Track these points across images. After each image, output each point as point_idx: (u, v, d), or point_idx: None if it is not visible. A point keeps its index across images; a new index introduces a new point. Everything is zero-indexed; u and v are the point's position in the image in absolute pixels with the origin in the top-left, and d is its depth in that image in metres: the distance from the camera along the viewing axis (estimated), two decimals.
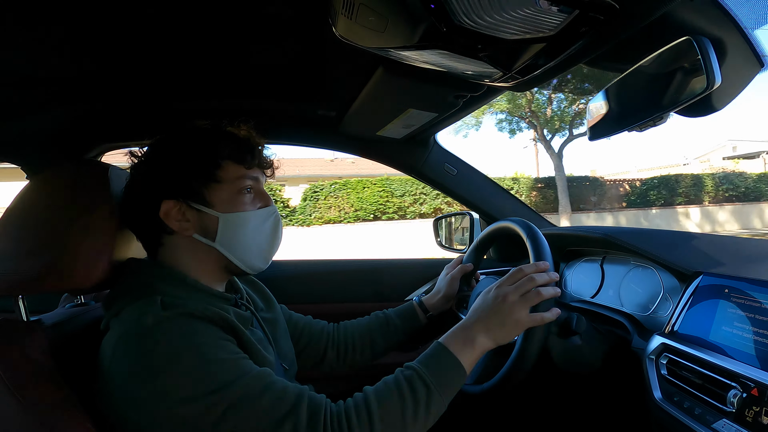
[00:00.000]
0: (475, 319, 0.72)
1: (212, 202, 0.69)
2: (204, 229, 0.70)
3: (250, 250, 0.73)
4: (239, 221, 0.71)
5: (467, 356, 0.69)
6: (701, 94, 0.49)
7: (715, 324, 0.75)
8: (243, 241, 0.71)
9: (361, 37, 0.60)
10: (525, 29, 0.50)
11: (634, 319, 0.96)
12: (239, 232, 0.71)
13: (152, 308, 0.60)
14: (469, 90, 0.81)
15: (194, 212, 0.69)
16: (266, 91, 1.02)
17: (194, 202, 0.69)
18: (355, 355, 0.99)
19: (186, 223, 0.69)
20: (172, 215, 0.68)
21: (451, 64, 0.65)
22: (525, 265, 0.75)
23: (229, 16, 0.72)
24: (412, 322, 1.02)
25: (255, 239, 0.73)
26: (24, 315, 0.70)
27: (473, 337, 0.70)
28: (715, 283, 0.78)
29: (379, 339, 1.00)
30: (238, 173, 0.71)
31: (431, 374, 0.65)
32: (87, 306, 0.85)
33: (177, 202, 0.68)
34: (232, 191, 0.71)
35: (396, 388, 0.64)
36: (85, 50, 0.80)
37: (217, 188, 0.70)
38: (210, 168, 0.70)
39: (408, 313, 1.03)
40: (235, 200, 0.71)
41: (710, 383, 0.69)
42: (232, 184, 0.71)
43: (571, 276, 1.24)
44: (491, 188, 1.42)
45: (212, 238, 0.70)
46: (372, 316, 1.03)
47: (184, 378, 0.55)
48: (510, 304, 0.70)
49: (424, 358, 0.68)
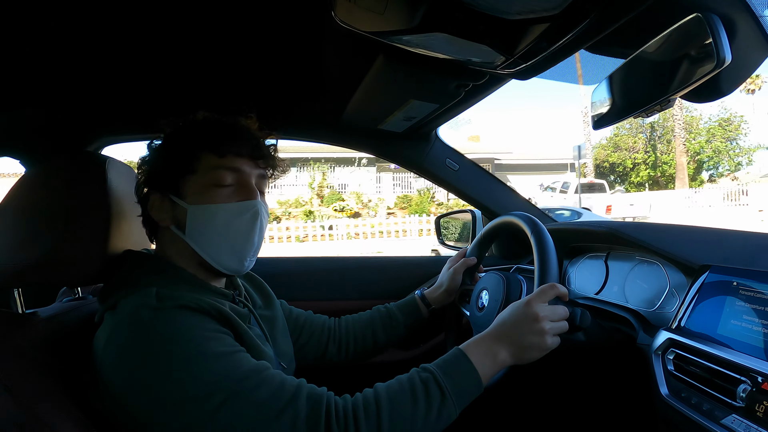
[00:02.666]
0: (501, 332, 0.69)
1: (184, 193, 0.67)
2: (178, 221, 0.68)
3: (219, 247, 0.68)
4: (207, 214, 0.67)
5: (487, 369, 0.66)
6: (710, 72, 0.47)
7: (723, 318, 0.73)
8: (210, 236, 0.67)
9: (360, 20, 0.59)
10: (528, 8, 0.49)
11: (639, 316, 0.94)
12: (207, 225, 0.67)
13: (147, 300, 0.59)
14: (471, 79, 0.80)
15: (169, 203, 0.68)
16: (265, 85, 1.02)
17: (171, 193, 0.68)
18: (357, 349, 0.98)
19: (163, 215, 0.69)
20: (155, 207, 0.69)
21: (453, 49, 0.64)
22: (558, 284, 0.73)
23: (228, 8, 0.71)
24: (414, 316, 1.01)
25: (226, 235, 0.68)
26: (20, 307, 0.69)
27: (496, 351, 0.67)
28: (723, 277, 0.76)
29: (380, 333, 0.99)
30: (213, 163, 0.68)
31: (448, 380, 0.63)
32: (84, 300, 0.84)
33: (161, 195, 0.69)
34: (205, 182, 0.67)
35: (410, 387, 0.62)
36: (86, 43, 0.80)
37: (191, 179, 0.67)
38: (187, 158, 0.67)
39: (410, 306, 1.02)
40: (207, 192, 0.67)
41: (719, 378, 0.67)
42: (206, 174, 0.67)
43: (574, 273, 1.23)
44: (494, 184, 1.40)
45: (183, 231, 0.68)
46: (374, 310, 1.02)
47: (179, 370, 0.54)
48: (541, 325, 0.68)
49: (443, 362, 0.66)
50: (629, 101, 0.63)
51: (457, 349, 0.68)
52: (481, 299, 0.98)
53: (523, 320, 0.68)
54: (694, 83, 0.50)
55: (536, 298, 0.70)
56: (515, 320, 0.69)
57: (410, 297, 1.04)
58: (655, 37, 0.55)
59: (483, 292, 0.98)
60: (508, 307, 0.73)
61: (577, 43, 0.58)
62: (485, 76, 0.79)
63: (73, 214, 0.66)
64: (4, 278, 0.65)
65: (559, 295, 0.72)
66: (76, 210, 0.66)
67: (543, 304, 0.70)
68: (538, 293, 0.71)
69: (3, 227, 0.67)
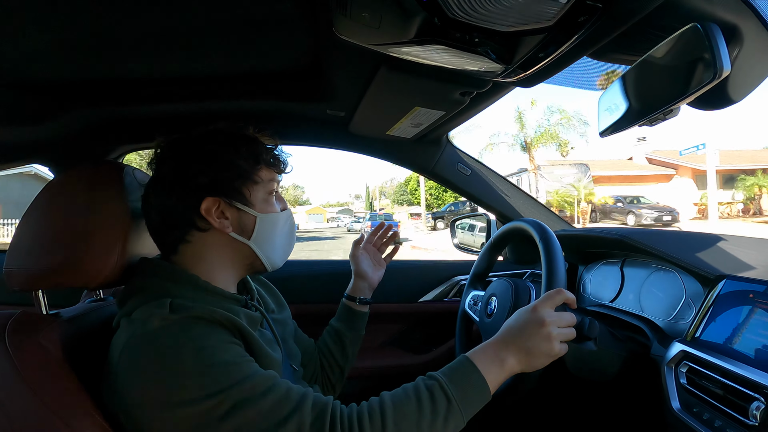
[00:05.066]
0: (508, 339, 0.68)
1: (252, 201, 0.73)
2: (241, 227, 0.73)
3: (276, 249, 0.77)
4: (273, 221, 0.76)
5: (494, 376, 0.65)
6: (710, 83, 0.45)
7: (738, 331, 0.70)
8: (274, 240, 0.76)
9: (358, 34, 0.59)
10: (521, 20, 0.48)
11: (654, 325, 0.91)
12: (272, 231, 0.75)
13: (161, 311, 0.61)
14: (474, 87, 0.80)
15: (234, 210, 0.72)
16: (275, 92, 1.04)
17: (235, 200, 0.71)
18: (327, 373, 1.00)
19: (225, 221, 0.71)
20: (215, 214, 0.70)
21: (452, 60, 0.64)
22: (565, 290, 0.72)
23: (237, 17, 0.73)
24: (349, 317, 1.03)
25: (282, 239, 0.78)
26: (43, 308, 0.73)
27: (503, 357, 0.66)
28: (740, 288, 0.73)
29: (335, 349, 1.01)
30: (270, 176, 0.76)
31: (454, 387, 0.62)
32: (105, 301, 0.88)
33: (217, 200, 0.70)
34: (265, 193, 0.75)
35: (415, 395, 0.61)
36: (106, 54, 0.84)
37: (255, 189, 0.73)
38: (252, 169, 0.73)
39: (343, 312, 1.04)
40: (268, 201, 0.75)
41: (732, 394, 0.65)
42: (266, 186, 0.75)
43: (590, 279, 1.20)
44: (507, 189, 1.38)
45: (248, 236, 0.73)
46: (324, 332, 1.04)
47: (188, 380, 0.56)
48: (548, 330, 0.66)
49: (449, 370, 0.65)
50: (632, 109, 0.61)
51: (463, 356, 0.67)
52: (490, 305, 0.97)
53: (530, 326, 0.67)
54: (694, 93, 0.48)
55: (542, 304, 0.69)
56: (522, 326, 0.68)
57: (340, 303, 1.06)
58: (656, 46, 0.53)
59: (492, 298, 0.97)
60: (514, 313, 0.72)
61: (577, 51, 0.57)
62: (489, 83, 0.78)
63: (91, 221, 0.69)
64: (30, 281, 0.68)
65: (567, 301, 0.71)
66: (93, 217, 0.70)
67: (549, 310, 0.68)
68: (544, 298, 0.70)
69: (29, 232, 0.70)
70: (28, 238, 0.70)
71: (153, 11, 0.69)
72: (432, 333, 1.44)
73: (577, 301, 1.22)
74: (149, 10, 0.68)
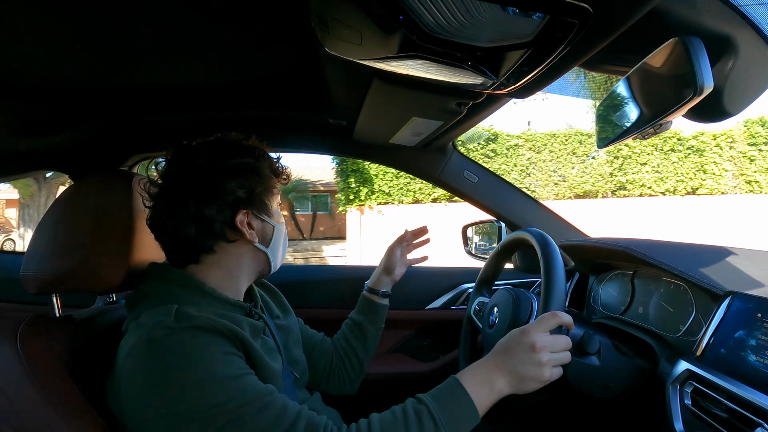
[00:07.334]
0: (499, 361, 0.67)
1: (271, 213, 0.77)
2: (262, 236, 0.77)
3: (281, 255, 0.83)
4: (283, 229, 0.82)
5: (483, 398, 0.64)
6: (690, 100, 0.43)
7: (745, 352, 0.67)
8: (281, 247, 0.82)
9: (343, 50, 0.60)
10: (498, 36, 0.48)
11: (664, 341, 0.88)
12: (281, 239, 0.81)
13: (165, 319, 0.62)
14: (469, 98, 0.79)
15: (259, 221, 0.76)
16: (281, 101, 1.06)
17: (260, 212, 0.75)
18: (346, 367, 1.01)
19: (252, 232, 0.74)
20: (245, 224, 0.73)
21: (440, 73, 0.63)
22: (560, 312, 0.70)
23: (243, 29, 0.74)
24: (371, 309, 1.04)
25: (284, 245, 0.84)
26: (57, 311, 0.76)
27: (493, 380, 0.66)
28: (748, 306, 0.70)
29: (356, 343, 1.02)
30: (277, 186, 0.80)
31: (442, 410, 0.62)
32: (117, 304, 0.91)
33: (248, 211, 0.73)
34: (276, 203, 0.80)
35: (403, 419, 0.62)
36: (126, 76, 0.88)
37: (273, 200, 0.79)
38: (272, 181, 0.78)
39: (364, 304, 1.05)
40: (278, 211, 0.80)
41: (736, 418, 0.62)
42: (276, 196, 0.80)
43: (601, 289, 1.16)
44: (516, 196, 1.36)
45: (267, 245, 0.78)
46: (343, 325, 1.06)
47: (186, 391, 0.57)
48: (538, 356, 0.65)
49: (438, 392, 0.65)
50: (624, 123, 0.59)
51: (453, 377, 0.67)
52: (492, 316, 0.96)
53: (520, 350, 0.66)
54: (678, 109, 0.46)
55: (535, 327, 0.68)
56: (513, 349, 0.67)
57: (361, 296, 1.07)
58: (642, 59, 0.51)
59: (494, 309, 0.96)
60: (508, 334, 0.71)
61: (565, 63, 0.56)
62: (483, 95, 0.77)
63: (101, 228, 0.73)
64: (45, 285, 0.72)
65: (563, 324, 0.69)
66: (103, 223, 0.73)
67: (542, 335, 0.67)
68: (537, 322, 0.69)
69: (44, 238, 0.74)
70: (43, 245, 0.74)
71: (164, 23, 0.71)
72: (439, 340, 1.42)
73: (587, 312, 1.19)
74: (160, 21, 0.70)
